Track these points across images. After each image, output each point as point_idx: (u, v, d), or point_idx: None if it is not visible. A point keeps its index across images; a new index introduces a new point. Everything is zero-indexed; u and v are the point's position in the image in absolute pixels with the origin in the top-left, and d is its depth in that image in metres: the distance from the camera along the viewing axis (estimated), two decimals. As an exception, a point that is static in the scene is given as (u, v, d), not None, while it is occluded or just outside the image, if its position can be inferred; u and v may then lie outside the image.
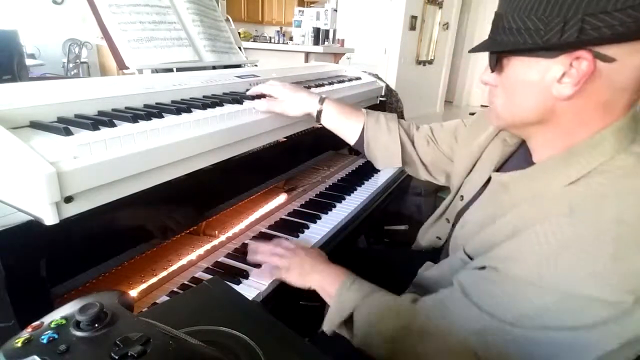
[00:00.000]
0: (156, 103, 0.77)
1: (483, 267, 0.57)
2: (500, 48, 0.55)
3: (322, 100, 0.90)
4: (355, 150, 1.62)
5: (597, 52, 0.47)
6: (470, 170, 0.80)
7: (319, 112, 0.90)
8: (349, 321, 0.67)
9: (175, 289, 0.76)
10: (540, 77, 0.52)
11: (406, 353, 0.59)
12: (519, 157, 0.69)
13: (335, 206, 1.11)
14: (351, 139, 0.93)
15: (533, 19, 0.49)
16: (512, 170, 0.63)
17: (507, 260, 0.53)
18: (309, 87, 1.13)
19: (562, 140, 0.55)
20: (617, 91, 0.50)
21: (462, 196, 0.80)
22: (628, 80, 0.49)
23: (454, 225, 0.80)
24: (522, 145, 0.69)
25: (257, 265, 0.82)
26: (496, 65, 0.57)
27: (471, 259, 0.63)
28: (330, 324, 0.69)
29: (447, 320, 0.57)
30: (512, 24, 0.52)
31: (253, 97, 0.90)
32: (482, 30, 6.86)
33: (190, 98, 0.84)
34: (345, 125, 0.92)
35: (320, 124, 0.94)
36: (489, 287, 0.55)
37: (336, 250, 0.97)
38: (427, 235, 0.95)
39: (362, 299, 0.66)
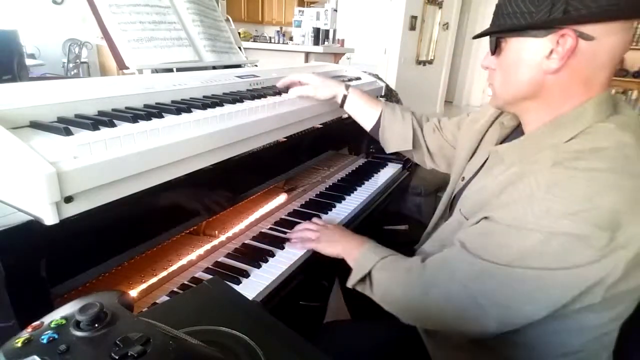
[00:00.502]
0: (156, 103, 0.77)
1: (477, 222, 0.64)
2: (499, 29, 0.64)
3: (347, 88, 1.04)
4: (355, 150, 1.63)
5: (579, 31, 0.56)
6: (472, 155, 0.87)
7: (345, 97, 1.04)
8: (368, 279, 0.77)
9: (175, 289, 0.76)
10: (532, 55, 0.61)
11: (417, 305, 0.68)
12: (514, 136, 0.76)
13: (335, 206, 1.11)
14: (368, 124, 1.06)
15: (527, 3, 0.59)
16: None
17: (497, 209, 0.61)
18: (309, 87, 1.13)
19: (549, 113, 0.64)
20: (596, 68, 0.59)
21: (463, 177, 0.85)
22: (605, 57, 0.58)
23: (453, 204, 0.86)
24: (518, 127, 0.77)
25: (257, 266, 0.82)
26: (496, 48, 0.66)
27: (467, 219, 0.70)
28: (352, 280, 0.79)
29: (449, 271, 0.65)
30: (509, 8, 0.61)
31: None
32: (482, 30, 6.85)
33: (190, 98, 0.84)
34: (365, 111, 1.06)
35: (342, 108, 1.07)
36: (483, 237, 0.62)
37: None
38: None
39: (381, 259, 0.76)
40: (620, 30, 0.56)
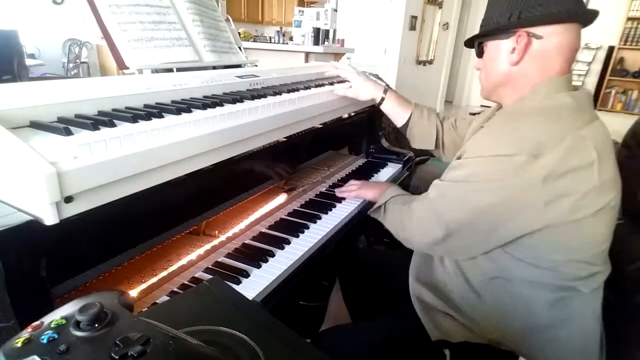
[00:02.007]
0: (156, 103, 0.77)
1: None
2: (481, 33, 0.84)
3: (385, 91, 1.20)
4: (355, 151, 1.63)
5: (530, 32, 0.76)
6: None
7: (382, 99, 1.20)
8: (383, 208, 0.99)
9: (175, 289, 0.76)
10: (501, 52, 0.81)
11: (404, 226, 0.90)
12: None
13: (335, 206, 1.11)
14: (399, 122, 1.23)
15: (497, 15, 0.80)
16: None
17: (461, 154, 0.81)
18: (309, 87, 1.13)
19: (517, 95, 0.81)
20: (548, 59, 0.77)
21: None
22: (554, 52, 0.76)
23: None
24: None
25: (257, 266, 0.82)
26: (480, 52, 0.86)
27: None
28: (373, 208, 1.03)
29: (424, 199, 0.86)
30: (486, 21, 0.83)
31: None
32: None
33: (190, 98, 0.84)
34: (398, 111, 1.22)
35: (379, 107, 1.23)
36: (448, 171, 0.82)
37: (336, 250, 0.97)
38: None
39: (396, 196, 0.98)
40: (563, 31, 0.75)
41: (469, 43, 0.90)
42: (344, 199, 1.16)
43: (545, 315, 0.75)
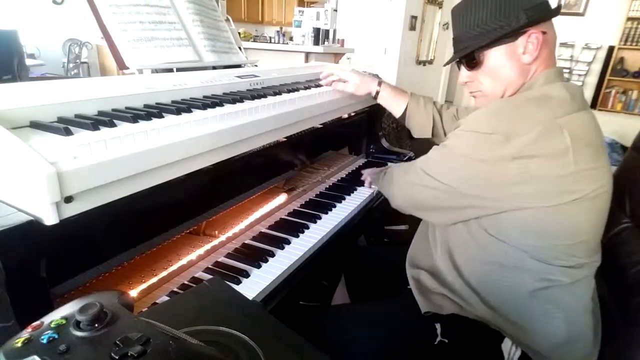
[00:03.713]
0: (156, 103, 0.77)
1: None
2: (480, 44, 0.81)
3: (379, 83, 1.22)
4: (355, 151, 1.63)
5: (539, 29, 0.77)
6: None
7: (377, 92, 1.21)
8: (383, 175, 1.04)
9: (175, 289, 0.76)
10: (510, 54, 0.80)
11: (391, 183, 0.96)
12: None
13: (335, 206, 1.11)
14: (397, 112, 1.24)
15: (494, 22, 0.79)
16: None
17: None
18: (308, 87, 1.13)
19: (517, 87, 0.83)
20: (550, 51, 0.81)
21: None
22: (553, 44, 0.82)
23: None
24: None
25: (257, 266, 0.82)
26: (475, 63, 0.84)
27: None
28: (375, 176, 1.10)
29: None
30: (476, 30, 0.81)
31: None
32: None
33: (190, 98, 0.84)
34: (394, 102, 1.23)
35: (377, 101, 1.25)
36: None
37: (336, 250, 0.97)
38: None
39: (390, 168, 1.01)
40: (552, 24, 0.81)
41: (452, 59, 0.89)
42: (343, 198, 1.16)
43: (529, 304, 0.76)
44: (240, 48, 1.30)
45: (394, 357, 0.82)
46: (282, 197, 1.13)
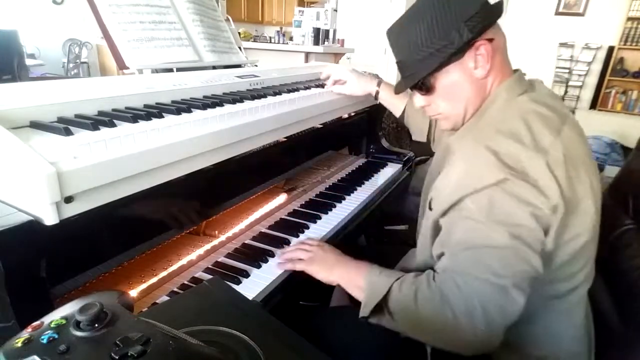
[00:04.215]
0: (156, 103, 0.77)
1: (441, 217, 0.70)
2: (428, 70, 0.74)
3: (379, 84, 1.20)
4: (355, 151, 1.63)
5: (485, 38, 0.71)
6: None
7: (377, 92, 1.19)
8: (385, 307, 0.71)
9: (175, 289, 0.75)
10: (462, 72, 0.74)
11: (444, 319, 0.64)
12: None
13: (335, 206, 1.11)
14: (397, 112, 1.23)
15: (435, 42, 0.71)
16: None
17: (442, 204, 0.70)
18: (309, 87, 1.13)
19: (478, 103, 0.76)
20: (502, 57, 0.75)
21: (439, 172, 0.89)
22: (502, 49, 0.75)
23: None
24: None
25: (257, 266, 0.82)
26: (427, 88, 0.77)
27: (431, 209, 0.74)
28: (366, 309, 0.72)
29: (456, 274, 0.65)
30: (419, 56, 0.74)
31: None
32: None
33: (190, 98, 0.84)
34: (393, 102, 1.21)
35: (377, 101, 1.24)
36: (456, 230, 0.67)
37: (338, 247, 0.97)
38: None
39: (395, 280, 0.71)
40: (497, 27, 0.74)
41: (402, 86, 0.81)
42: (343, 198, 1.16)
43: (527, 329, 0.72)
44: (240, 48, 1.30)
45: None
46: (282, 197, 1.13)
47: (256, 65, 1.33)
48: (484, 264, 0.62)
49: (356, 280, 0.76)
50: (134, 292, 0.72)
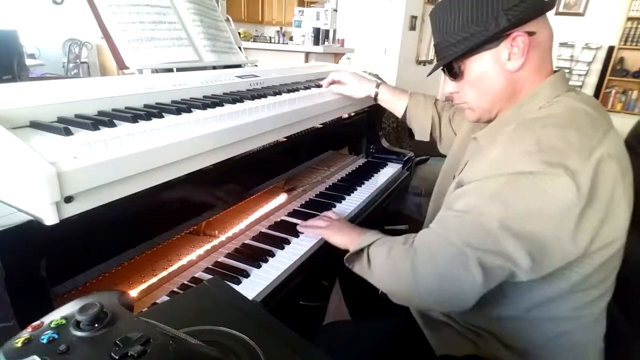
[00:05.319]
0: (156, 103, 0.77)
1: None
2: (455, 57, 0.72)
3: (378, 85, 1.20)
4: (355, 151, 1.63)
5: (525, 30, 0.67)
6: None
7: (376, 94, 1.19)
8: (366, 254, 0.79)
9: (175, 289, 0.75)
10: (494, 62, 0.71)
11: (408, 278, 0.69)
12: None
13: (335, 206, 1.11)
14: (399, 113, 1.21)
15: (471, 27, 0.69)
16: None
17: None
18: (308, 87, 1.13)
19: (513, 102, 0.74)
20: (542, 55, 0.71)
21: (454, 176, 0.87)
22: (545, 45, 0.71)
23: None
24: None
25: (257, 266, 0.82)
26: (457, 73, 0.75)
27: None
28: (350, 252, 0.82)
29: (434, 234, 0.69)
30: (454, 38, 0.72)
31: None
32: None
33: (190, 98, 0.84)
34: (394, 103, 1.20)
35: (377, 102, 1.23)
36: (452, 201, 0.69)
37: (336, 249, 0.97)
38: None
39: (378, 239, 0.79)
40: (545, 21, 0.70)
41: (434, 68, 0.79)
42: (343, 198, 1.16)
43: (548, 345, 0.72)
44: (240, 48, 1.30)
45: None
46: (282, 197, 1.13)
47: (256, 65, 1.33)
48: (460, 229, 0.64)
49: (357, 239, 0.82)
50: (134, 292, 0.72)
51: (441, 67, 0.77)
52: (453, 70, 0.75)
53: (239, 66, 1.24)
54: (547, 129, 0.63)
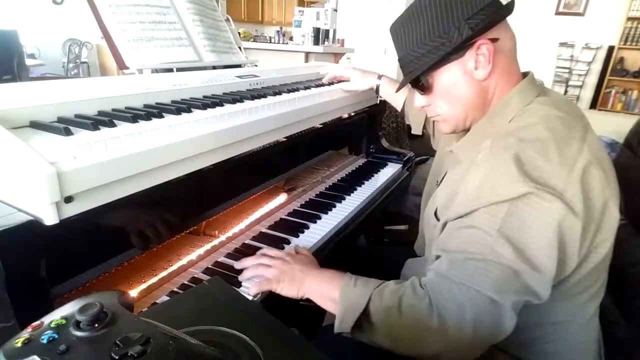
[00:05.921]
0: (156, 103, 0.77)
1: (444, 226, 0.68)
2: (423, 69, 0.71)
3: (379, 77, 1.25)
4: (355, 151, 1.63)
5: (488, 37, 0.67)
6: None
7: (378, 86, 1.24)
8: (365, 320, 0.66)
9: (175, 289, 0.75)
10: (462, 73, 0.70)
11: (435, 330, 0.60)
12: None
13: (335, 206, 1.11)
14: (398, 106, 1.26)
15: (434, 39, 0.68)
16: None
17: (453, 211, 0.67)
18: (308, 87, 1.13)
19: (483, 112, 0.73)
20: (508, 60, 0.71)
21: (437, 181, 0.89)
22: (510, 50, 0.71)
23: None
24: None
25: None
26: (425, 87, 0.74)
27: (438, 219, 0.73)
28: (344, 325, 0.67)
29: (448, 282, 0.62)
30: (418, 52, 0.70)
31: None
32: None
33: (190, 98, 0.84)
34: (394, 96, 1.23)
35: (379, 96, 1.30)
36: (448, 237, 0.66)
37: (336, 250, 0.97)
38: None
39: (373, 289, 0.67)
40: (506, 27, 0.70)
41: (401, 84, 0.79)
42: (343, 198, 1.16)
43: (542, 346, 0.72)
44: (240, 48, 1.30)
45: None
46: (282, 197, 1.13)
47: (256, 65, 1.33)
48: (485, 277, 0.59)
49: (329, 292, 0.70)
50: (134, 292, 0.72)
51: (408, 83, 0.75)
52: (421, 84, 0.74)
53: (239, 66, 1.24)
54: (524, 146, 0.61)
